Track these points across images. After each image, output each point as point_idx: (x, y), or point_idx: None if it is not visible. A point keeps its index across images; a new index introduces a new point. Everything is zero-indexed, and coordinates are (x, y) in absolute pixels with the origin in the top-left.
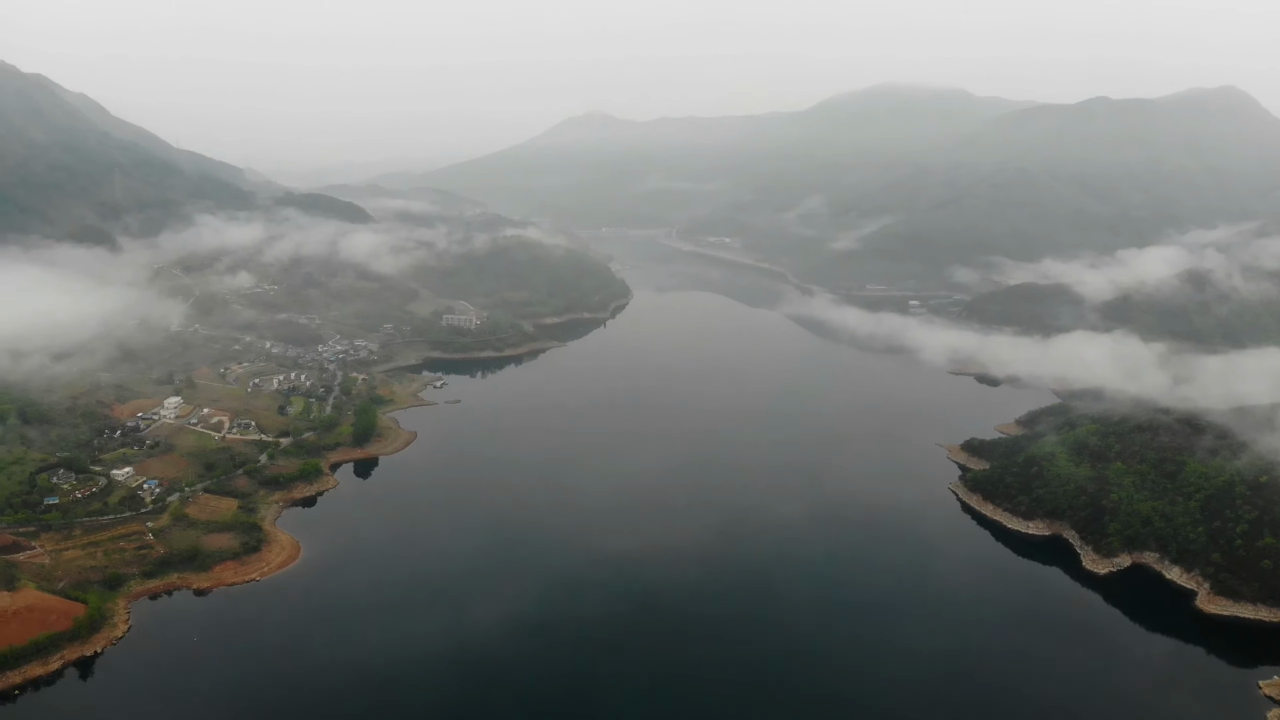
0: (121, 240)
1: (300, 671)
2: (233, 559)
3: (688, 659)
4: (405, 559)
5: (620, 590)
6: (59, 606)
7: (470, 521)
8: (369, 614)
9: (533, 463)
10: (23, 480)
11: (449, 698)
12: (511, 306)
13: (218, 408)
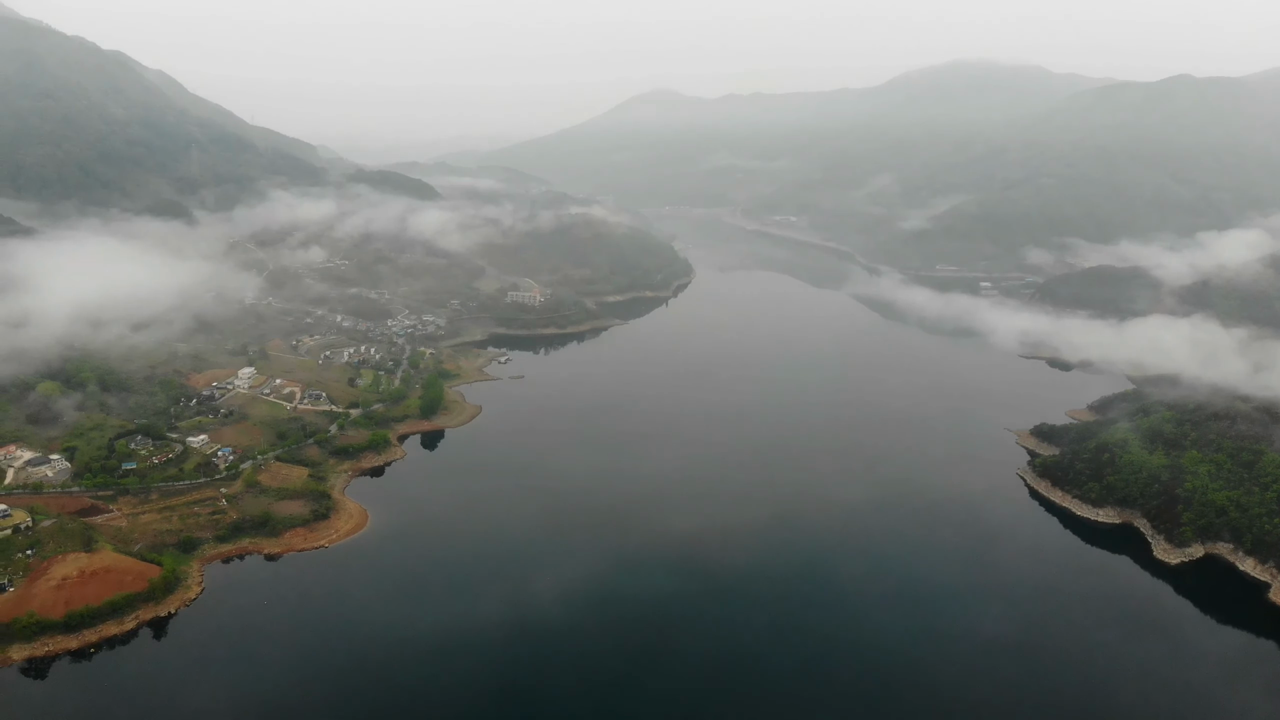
0: (198, 214)
1: (365, 637)
2: (303, 525)
3: (745, 639)
4: (468, 530)
5: (678, 568)
6: (135, 568)
7: (532, 495)
8: (433, 583)
9: (594, 439)
10: (102, 446)
11: (508, 667)
12: (574, 284)
13: (290, 379)
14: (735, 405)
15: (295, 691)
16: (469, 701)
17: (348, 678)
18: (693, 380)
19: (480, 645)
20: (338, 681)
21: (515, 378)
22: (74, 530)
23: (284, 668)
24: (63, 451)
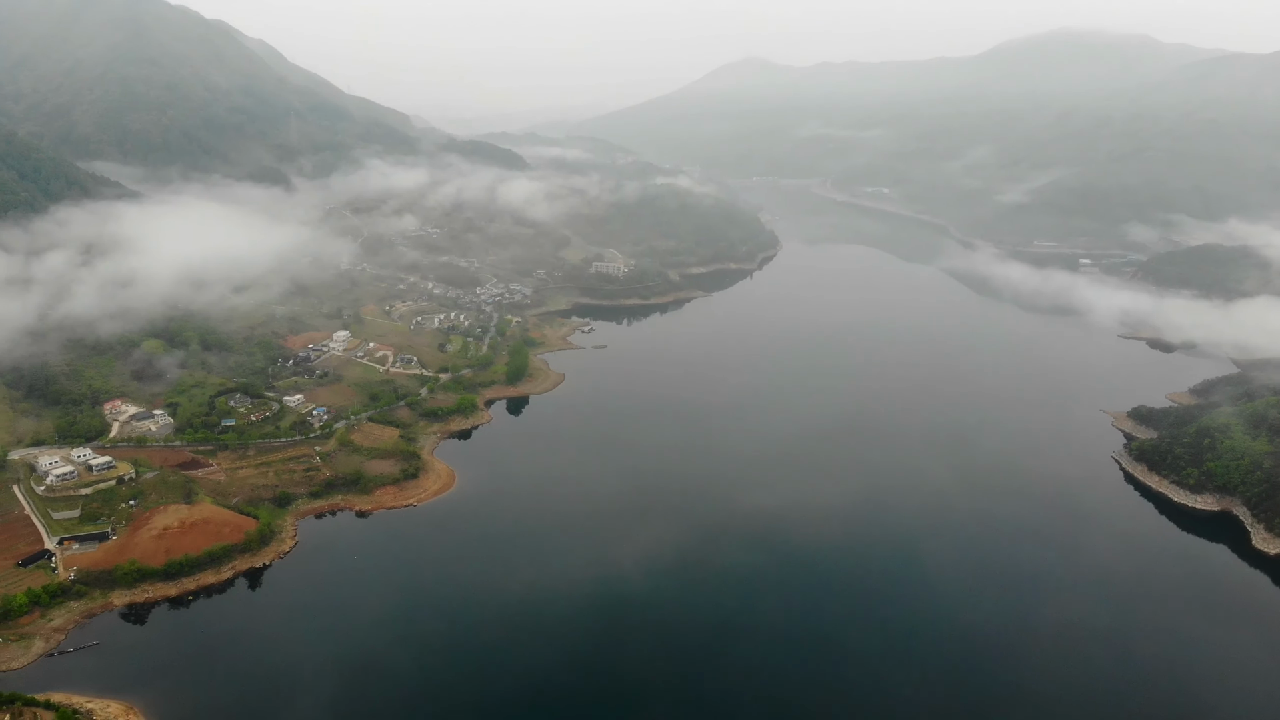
0: (296, 181)
1: (450, 596)
2: (393, 484)
3: (826, 618)
4: (552, 495)
5: (759, 544)
6: (232, 520)
7: (613, 464)
8: (517, 545)
9: (675, 411)
10: (203, 403)
11: (588, 633)
12: (659, 255)
13: (382, 342)
14: (819, 380)
15: (381, 646)
16: (550, 664)
17: (432, 635)
18: (776, 354)
19: (562, 609)
20: (422, 638)
21: (598, 347)
22: (175, 483)
23: (372, 622)
24: (165, 407)
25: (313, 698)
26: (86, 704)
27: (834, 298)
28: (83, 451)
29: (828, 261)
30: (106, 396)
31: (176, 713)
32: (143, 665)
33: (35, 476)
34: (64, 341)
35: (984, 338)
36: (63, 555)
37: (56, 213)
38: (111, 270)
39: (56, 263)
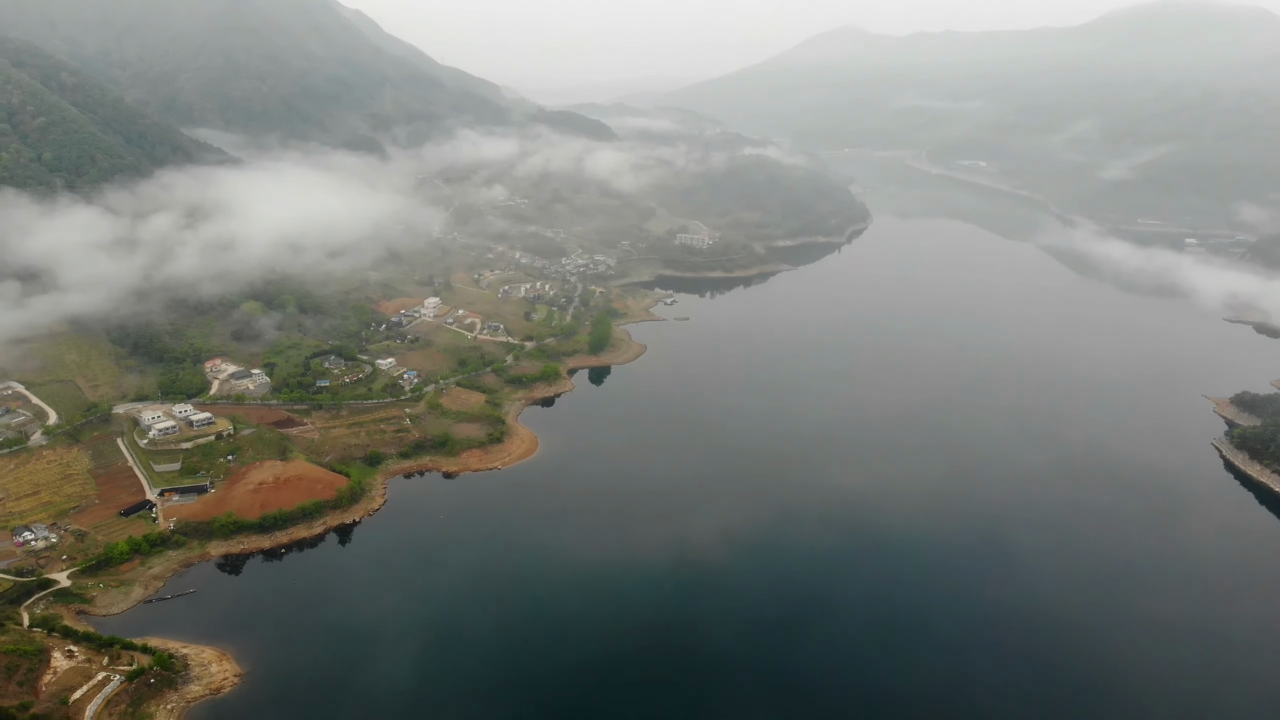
0: (390, 150)
1: (531, 559)
2: (478, 447)
3: (906, 599)
4: (632, 464)
5: (839, 523)
6: (325, 478)
7: (693, 436)
8: (597, 511)
9: (756, 385)
10: (299, 364)
11: (667, 603)
12: (744, 227)
13: (471, 310)
14: (906, 358)
15: (464, 605)
16: (627, 633)
17: (513, 598)
18: (861, 331)
19: (640, 579)
20: (503, 600)
21: (680, 319)
22: (271, 440)
23: (455, 582)
24: (263, 367)
25: (396, 653)
26: (182, 649)
27: (925, 274)
28: (184, 407)
29: (919, 236)
30: (207, 355)
31: (267, 661)
32: (236, 614)
33: (139, 430)
34: (167, 301)
35: (1080, 317)
36: (163, 506)
37: (161, 177)
38: (213, 233)
39: (161, 225)
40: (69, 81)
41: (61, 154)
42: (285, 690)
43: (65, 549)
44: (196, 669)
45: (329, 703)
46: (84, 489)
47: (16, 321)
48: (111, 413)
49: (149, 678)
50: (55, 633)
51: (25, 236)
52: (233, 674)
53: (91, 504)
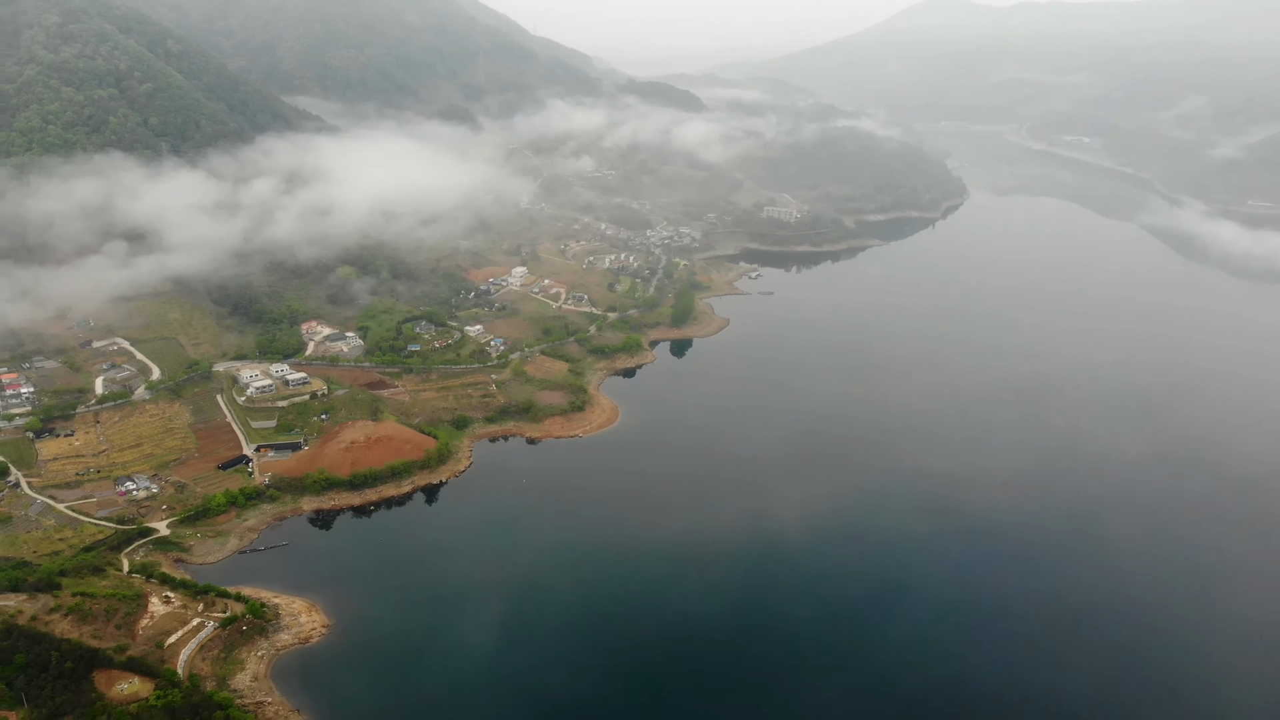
0: (482, 120)
1: (611, 527)
2: (561, 415)
3: (993, 586)
4: (711, 437)
5: (924, 507)
6: (414, 439)
7: (774, 411)
8: (676, 483)
9: (840, 363)
10: (391, 328)
11: (745, 577)
12: (834, 201)
13: (556, 280)
14: (997, 341)
15: (545, 569)
16: (707, 608)
17: (594, 564)
18: (953, 310)
19: (717, 552)
20: (584, 566)
21: (765, 294)
22: (363, 400)
23: (537, 545)
24: (357, 330)
25: (477, 612)
26: (273, 599)
27: (1022, 252)
28: (281, 367)
29: (1017, 213)
30: (304, 317)
31: (354, 613)
32: (326, 567)
33: (237, 388)
34: (266, 264)
35: (1183, 301)
36: (259, 461)
37: (262, 143)
38: (311, 199)
39: (261, 190)
40: (175, 49)
41: (167, 119)
42: (370, 642)
43: (165, 499)
44: (287, 618)
45: (411, 657)
46: (184, 442)
47: (123, 280)
48: (212, 370)
49: (241, 625)
50: (153, 579)
51: (132, 199)
52: (321, 625)
53: (191, 457)
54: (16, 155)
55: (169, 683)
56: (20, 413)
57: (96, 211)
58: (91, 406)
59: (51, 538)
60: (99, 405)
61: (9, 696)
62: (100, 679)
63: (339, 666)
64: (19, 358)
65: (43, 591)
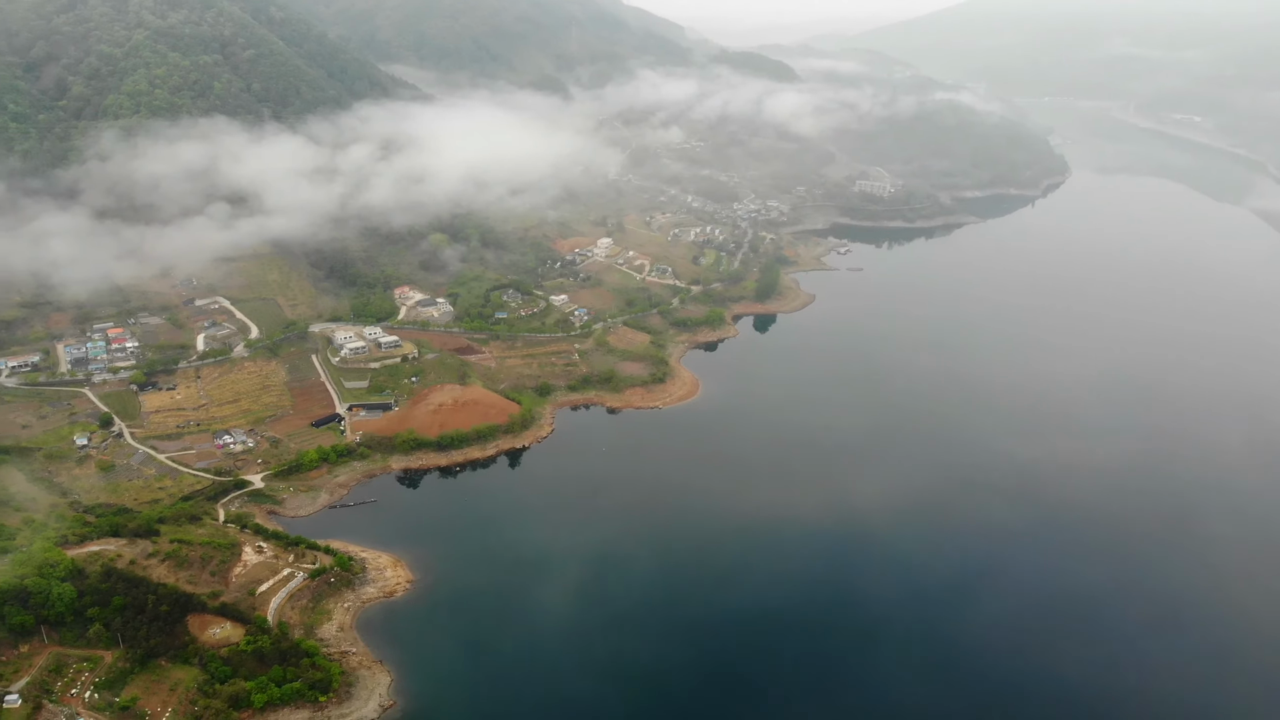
0: (573, 90)
1: (690, 500)
2: (641, 386)
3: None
4: (793, 413)
5: (1016, 494)
6: (499, 404)
7: (859, 390)
8: (756, 459)
9: (930, 343)
10: (479, 295)
11: (826, 558)
12: (930, 176)
13: (641, 251)
14: (1095, 329)
15: (624, 539)
16: (787, 587)
17: (673, 537)
18: (1049, 293)
19: (797, 531)
20: (663, 538)
21: (854, 270)
22: (451, 365)
23: (617, 514)
24: (447, 296)
25: (556, 577)
26: (360, 553)
27: (1125, 234)
28: (374, 330)
29: (1122, 193)
30: (396, 282)
31: (437, 571)
32: (412, 525)
33: (332, 349)
34: (361, 229)
35: None
36: (351, 420)
37: (359, 110)
38: (405, 166)
39: (358, 156)
40: (277, 16)
41: (269, 85)
42: (452, 599)
43: (260, 454)
44: (373, 572)
45: (490, 617)
46: (280, 399)
47: (225, 241)
48: (308, 331)
49: (329, 577)
50: (247, 529)
51: (235, 162)
52: (405, 580)
53: (286, 414)
54: (125, 118)
55: (259, 629)
56: (125, 366)
57: (200, 174)
58: (193, 362)
59: (152, 486)
60: (200, 361)
61: (106, 637)
62: (194, 623)
63: (421, 621)
64: (125, 313)
65: (142, 537)
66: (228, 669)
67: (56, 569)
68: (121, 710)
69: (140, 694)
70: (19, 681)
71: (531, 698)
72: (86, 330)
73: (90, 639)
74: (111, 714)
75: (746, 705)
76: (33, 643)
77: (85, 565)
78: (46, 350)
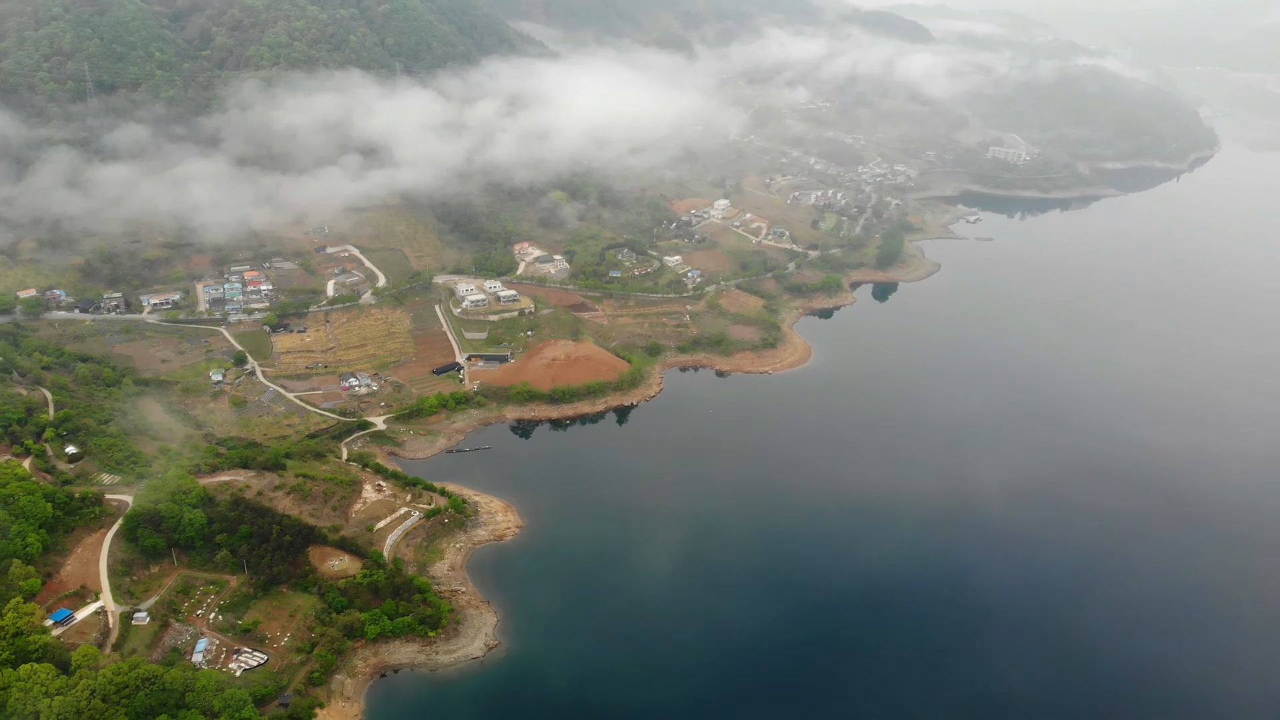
0: (698, 49)
1: (795, 471)
2: (751, 350)
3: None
4: (909, 387)
5: (1142, 483)
6: (610, 361)
7: (982, 366)
8: (867, 432)
9: (1060, 321)
10: (595, 253)
11: (936, 539)
12: (1068, 145)
13: (758, 214)
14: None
15: (726, 503)
16: (891, 564)
17: (776, 507)
18: (1196, 268)
19: (909, 510)
20: (765, 507)
21: (983, 240)
22: (566, 321)
23: (723, 477)
24: (564, 253)
25: (660, 535)
26: (474, 497)
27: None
28: (494, 283)
29: (1274, 171)
30: (516, 238)
31: (544, 517)
32: (523, 472)
33: (454, 300)
34: (485, 184)
35: None
36: (469, 369)
37: (488, 66)
38: (530, 123)
39: (484, 112)
40: None
41: (402, 40)
42: (558, 547)
43: (384, 397)
44: (484, 516)
45: (595, 567)
46: (404, 346)
47: (356, 192)
48: (432, 282)
49: (443, 518)
50: (368, 468)
51: (368, 115)
52: (515, 525)
53: (409, 360)
54: (265, 69)
55: (375, 563)
56: (259, 308)
57: (334, 125)
58: (323, 307)
59: (280, 423)
60: (329, 306)
61: (232, 562)
62: (314, 554)
63: (528, 566)
64: (260, 257)
65: (270, 470)
66: (344, 599)
67: (189, 496)
68: (243, 632)
69: (261, 618)
70: (149, 600)
71: (630, 651)
72: (224, 272)
73: (217, 563)
74: (234, 635)
75: (849, 679)
76: (163, 564)
77: (215, 494)
78: (186, 290)
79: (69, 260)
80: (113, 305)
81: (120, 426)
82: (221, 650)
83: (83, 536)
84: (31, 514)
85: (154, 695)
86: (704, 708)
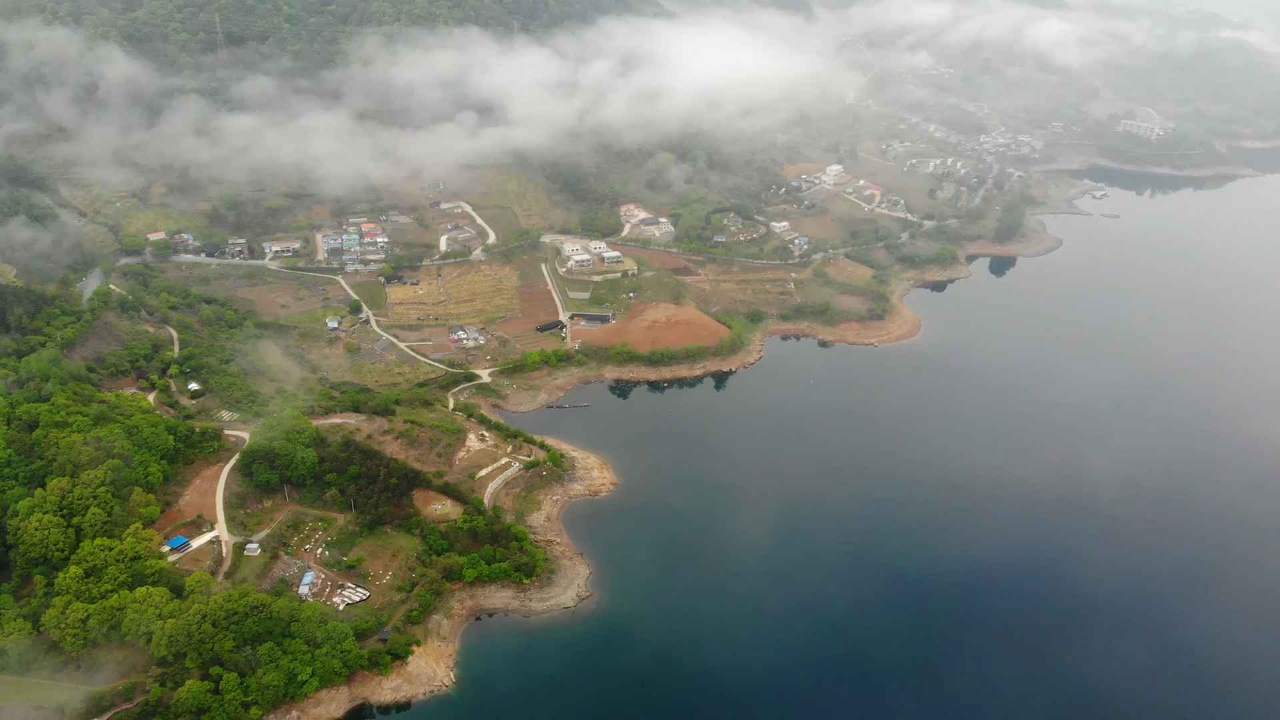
0: (817, 10)
1: (900, 445)
2: (857, 321)
3: None
4: (1023, 368)
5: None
6: (710, 326)
7: (1102, 349)
8: (976, 413)
9: (1191, 306)
10: (700, 217)
11: (1042, 530)
12: (1205, 121)
13: (872, 181)
14: None
15: (826, 478)
16: (993, 551)
17: (877, 484)
18: None
19: (1014, 496)
20: (864, 483)
21: (1109, 216)
22: (668, 284)
23: (821, 451)
24: (669, 216)
25: (755, 503)
26: (571, 452)
27: None
28: (599, 244)
29: None
30: (623, 199)
31: (639, 476)
32: (620, 431)
33: (560, 259)
34: (595, 145)
35: None
36: (571, 328)
37: (603, 25)
38: (642, 83)
39: (598, 71)
40: None
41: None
42: (652, 506)
43: (490, 351)
44: (581, 471)
45: (687, 529)
46: (510, 303)
47: (470, 149)
48: (539, 241)
49: (542, 470)
50: (472, 418)
51: (484, 73)
52: (610, 481)
53: (515, 316)
54: (387, 24)
55: (475, 510)
56: (375, 259)
57: (452, 82)
58: (435, 261)
59: (391, 371)
60: (442, 260)
61: (340, 501)
62: (418, 497)
63: (621, 523)
64: (377, 210)
65: (379, 415)
66: (444, 543)
67: (302, 435)
68: (348, 568)
69: (365, 555)
70: (260, 533)
71: (719, 615)
72: (342, 223)
73: (326, 501)
74: (339, 570)
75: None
76: (275, 499)
77: (327, 435)
78: (306, 239)
79: (197, 206)
80: (237, 251)
81: (240, 366)
82: (327, 584)
83: (201, 469)
84: (154, 445)
85: (261, 623)
86: (791, 679)
